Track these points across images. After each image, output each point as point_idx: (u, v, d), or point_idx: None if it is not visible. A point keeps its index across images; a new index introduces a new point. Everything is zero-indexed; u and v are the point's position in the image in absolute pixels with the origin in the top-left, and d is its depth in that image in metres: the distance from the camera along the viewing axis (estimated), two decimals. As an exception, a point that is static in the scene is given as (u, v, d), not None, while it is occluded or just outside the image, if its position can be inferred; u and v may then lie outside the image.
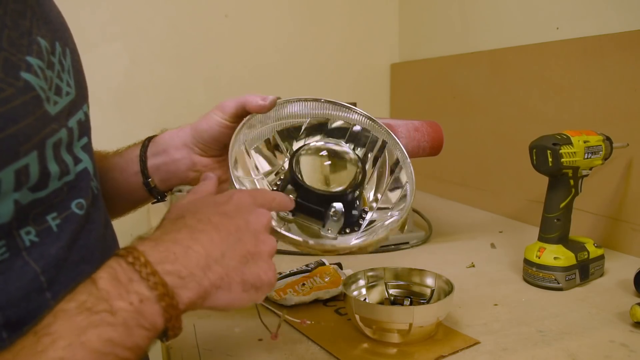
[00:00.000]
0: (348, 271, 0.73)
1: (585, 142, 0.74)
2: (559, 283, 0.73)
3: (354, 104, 1.33)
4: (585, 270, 0.76)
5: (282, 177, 0.56)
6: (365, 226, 0.55)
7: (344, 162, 0.56)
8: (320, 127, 0.60)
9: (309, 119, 0.59)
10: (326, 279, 0.71)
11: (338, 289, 0.69)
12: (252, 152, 0.57)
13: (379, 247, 0.92)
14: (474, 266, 0.84)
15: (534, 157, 0.74)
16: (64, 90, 0.44)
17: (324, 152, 0.57)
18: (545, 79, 1.03)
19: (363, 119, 0.60)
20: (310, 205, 0.53)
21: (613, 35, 0.89)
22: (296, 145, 0.58)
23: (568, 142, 0.73)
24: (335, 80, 1.57)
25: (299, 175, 0.53)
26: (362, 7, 1.58)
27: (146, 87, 1.35)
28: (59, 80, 0.43)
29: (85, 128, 0.48)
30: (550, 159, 0.72)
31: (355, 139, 0.60)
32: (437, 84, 1.39)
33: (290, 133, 0.59)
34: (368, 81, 1.62)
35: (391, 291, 0.66)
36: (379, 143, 0.60)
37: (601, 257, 0.78)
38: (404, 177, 0.59)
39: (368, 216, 0.56)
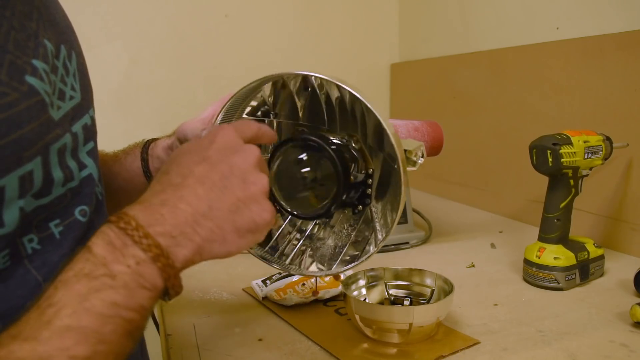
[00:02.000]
0: (348, 271, 0.73)
1: (585, 142, 0.74)
2: (559, 283, 0.73)
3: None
4: (585, 270, 0.76)
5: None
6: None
7: (323, 168, 0.50)
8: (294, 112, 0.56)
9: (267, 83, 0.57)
10: (326, 279, 0.71)
11: (338, 289, 0.69)
12: None
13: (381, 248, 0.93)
14: (474, 266, 0.84)
15: (534, 157, 0.74)
16: (68, 95, 0.43)
17: (302, 158, 0.51)
18: (545, 79, 1.03)
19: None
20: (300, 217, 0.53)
21: (613, 35, 0.89)
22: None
23: (568, 142, 0.73)
24: (335, 80, 1.57)
25: (281, 202, 0.51)
26: (362, 7, 1.58)
27: (146, 87, 1.35)
28: (62, 84, 0.42)
29: (91, 132, 0.47)
30: (550, 159, 0.72)
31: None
32: (437, 84, 1.39)
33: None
34: (368, 81, 1.62)
35: (391, 291, 0.66)
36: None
37: (601, 257, 0.78)
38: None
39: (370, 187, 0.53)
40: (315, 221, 0.57)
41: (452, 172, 1.34)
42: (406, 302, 0.65)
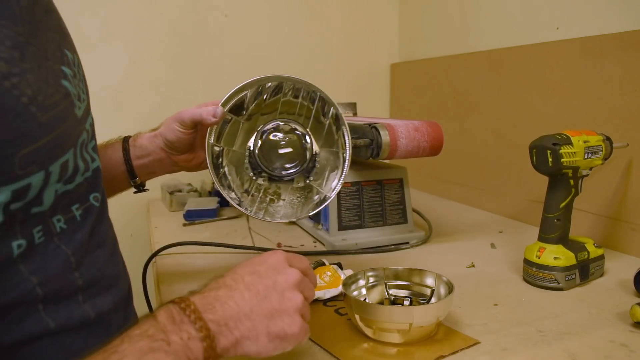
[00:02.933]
0: (348, 271, 0.73)
1: (585, 142, 0.74)
2: (559, 283, 0.73)
3: (354, 104, 1.33)
4: (585, 270, 0.76)
5: (248, 156, 0.73)
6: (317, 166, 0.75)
7: (293, 143, 0.73)
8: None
9: (247, 92, 0.74)
10: (326, 279, 0.71)
11: (338, 289, 0.69)
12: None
13: (379, 248, 0.93)
14: (474, 266, 0.84)
15: (534, 157, 0.74)
16: (82, 97, 0.49)
17: (280, 138, 0.74)
18: (545, 79, 1.03)
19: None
20: (281, 179, 0.74)
21: (613, 35, 0.89)
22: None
23: (568, 142, 0.73)
24: (335, 80, 1.57)
25: (266, 167, 0.73)
26: (362, 7, 1.58)
27: (146, 87, 1.35)
28: (79, 88, 0.49)
29: (93, 131, 0.54)
30: (550, 159, 0.72)
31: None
32: (437, 84, 1.39)
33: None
34: (368, 81, 1.62)
35: (391, 291, 0.66)
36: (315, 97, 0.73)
37: (601, 257, 0.78)
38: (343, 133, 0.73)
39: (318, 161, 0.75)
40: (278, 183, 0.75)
41: (452, 172, 1.34)
42: (406, 302, 0.65)
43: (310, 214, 0.70)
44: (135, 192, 0.75)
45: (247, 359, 0.45)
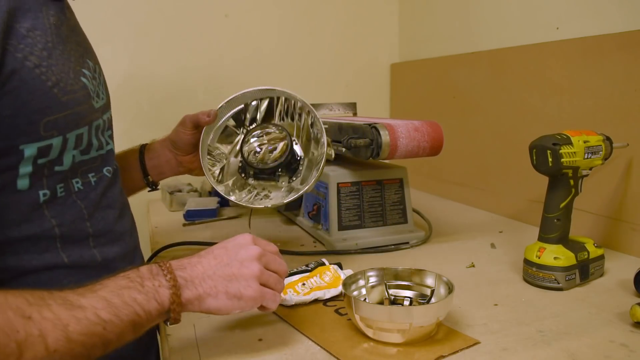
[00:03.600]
0: (348, 271, 0.73)
1: (585, 142, 0.74)
2: (559, 283, 0.73)
3: (354, 105, 1.33)
4: (585, 270, 0.76)
5: (240, 160, 0.83)
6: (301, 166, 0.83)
7: (275, 141, 0.81)
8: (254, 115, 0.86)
9: (232, 111, 0.85)
10: (326, 279, 0.71)
11: (338, 289, 0.69)
12: (216, 144, 0.85)
13: (379, 248, 0.93)
14: (474, 266, 0.84)
15: (534, 157, 0.74)
16: (100, 95, 0.67)
17: (263, 138, 0.82)
18: (545, 79, 1.03)
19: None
20: (264, 176, 0.82)
21: (613, 35, 0.89)
22: (241, 136, 0.85)
23: (568, 142, 0.73)
24: (335, 80, 1.57)
25: (252, 161, 0.81)
26: (362, 7, 1.58)
27: (146, 87, 1.35)
28: (97, 88, 0.66)
29: (111, 123, 0.72)
30: (550, 159, 0.72)
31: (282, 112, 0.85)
32: (437, 84, 1.39)
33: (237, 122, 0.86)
34: (368, 81, 1.62)
35: (391, 291, 0.66)
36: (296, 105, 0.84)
37: (601, 257, 0.78)
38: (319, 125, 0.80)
39: (303, 163, 0.83)
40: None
41: (452, 172, 1.34)
42: (406, 303, 0.65)
43: (285, 201, 0.78)
44: (149, 191, 0.90)
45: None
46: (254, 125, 0.85)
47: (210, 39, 1.41)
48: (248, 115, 0.85)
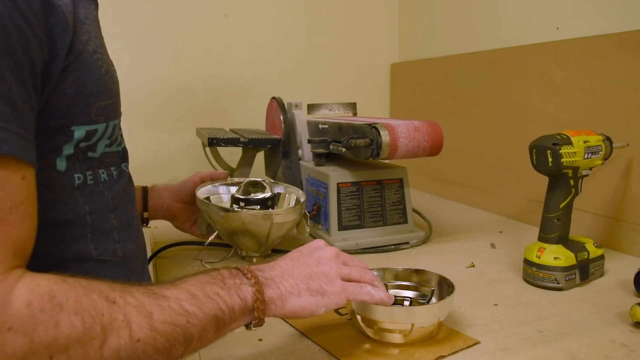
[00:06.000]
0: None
1: (585, 142, 0.74)
2: (559, 283, 0.73)
3: (354, 104, 1.33)
4: (585, 270, 0.76)
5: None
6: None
7: (261, 188, 0.90)
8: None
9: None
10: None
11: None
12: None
13: (379, 248, 0.93)
14: (474, 266, 0.84)
15: (534, 157, 0.74)
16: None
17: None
18: (545, 79, 1.03)
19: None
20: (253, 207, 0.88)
21: (613, 35, 0.89)
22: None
23: (568, 142, 0.73)
24: (335, 80, 1.57)
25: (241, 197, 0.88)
26: (362, 7, 1.58)
27: (146, 87, 1.35)
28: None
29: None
30: (550, 159, 0.72)
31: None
32: (437, 84, 1.39)
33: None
34: (368, 81, 1.62)
35: (391, 291, 0.66)
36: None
37: (601, 257, 0.78)
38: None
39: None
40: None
41: (452, 172, 1.34)
42: (406, 303, 0.65)
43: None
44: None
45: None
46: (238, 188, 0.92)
47: (210, 39, 1.41)
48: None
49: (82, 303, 0.40)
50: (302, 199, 0.89)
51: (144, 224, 0.91)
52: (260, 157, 1.19)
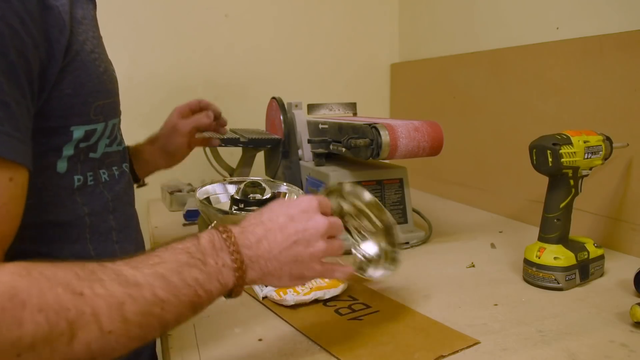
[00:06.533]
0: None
1: (585, 142, 0.74)
2: (559, 283, 0.73)
3: (354, 104, 1.33)
4: (585, 270, 0.76)
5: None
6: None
7: (260, 189, 0.89)
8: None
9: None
10: (326, 279, 0.71)
11: (338, 289, 0.69)
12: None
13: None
14: (474, 266, 0.84)
15: (534, 157, 0.74)
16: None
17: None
18: (545, 79, 1.03)
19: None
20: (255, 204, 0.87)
21: (613, 35, 0.89)
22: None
23: (568, 142, 0.73)
24: (335, 80, 1.57)
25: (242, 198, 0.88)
26: (362, 7, 1.58)
27: (146, 86, 1.35)
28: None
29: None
30: (550, 159, 0.72)
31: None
32: (437, 84, 1.39)
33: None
34: (368, 81, 1.62)
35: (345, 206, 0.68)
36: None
37: (601, 257, 0.78)
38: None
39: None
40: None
41: (452, 172, 1.34)
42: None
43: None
44: (137, 187, 0.87)
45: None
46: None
47: (210, 39, 1.41)
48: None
49: (47, 299, 0.38)
50: None
51: (142, 184, 0.91)
52: (260, 157, 1.19)
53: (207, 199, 0.90)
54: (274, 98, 1.17)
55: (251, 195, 0.88)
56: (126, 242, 0.65)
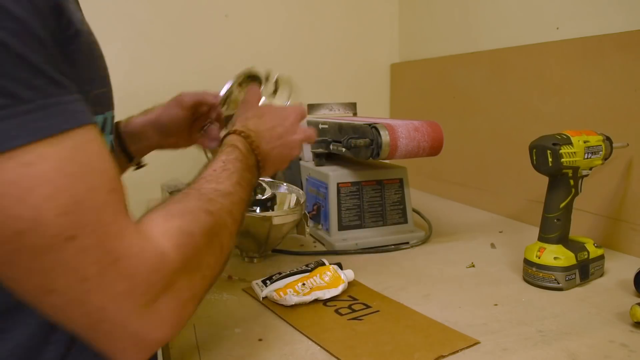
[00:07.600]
0: (348, 271, 0.73)
1: (585, 142, 0.74)
2: (559, 283, 0.73)
3: (354, 104, 1.34)
4: (585, 270, 0.76)
5: None
6: None
7: (260, 189, 0.93)
8: None
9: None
10: (326, 279, 0.71)
11: (338, 289, 0.69)
12: None
13: (379, 248, 0.93)
14: (474, 266, 0.84)
15: (534, 157, 0.74)
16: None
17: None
18: (545, 79, 1.03)
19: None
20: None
21: (613, 35, 0.89)
22: None
23: (568, 142, 0.73)
24: (335, 80, 1.57)
25: None
26: (362, 7, 1.58)
27: (146, 87, 1.35)
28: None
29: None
30: (550, 159, 0.72)
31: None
32: (437, 84, 1.39)
33: None
34: (368, 81, 1.62)
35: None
36: None
37: (601, 257, 0.78)
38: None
39: None
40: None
41: (452, 172, 1.34)
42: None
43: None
44: (135, 169, 0.86)
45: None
46: None
47: (210, 39, 1.41)
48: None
49: (201, 225, 0.46)
50: (302, 200, 0.89)
51: (140, 166, 0.86)
52: (260, 157, 1.19)
53: None
54: (274, 98, 1.17)
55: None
56: None
